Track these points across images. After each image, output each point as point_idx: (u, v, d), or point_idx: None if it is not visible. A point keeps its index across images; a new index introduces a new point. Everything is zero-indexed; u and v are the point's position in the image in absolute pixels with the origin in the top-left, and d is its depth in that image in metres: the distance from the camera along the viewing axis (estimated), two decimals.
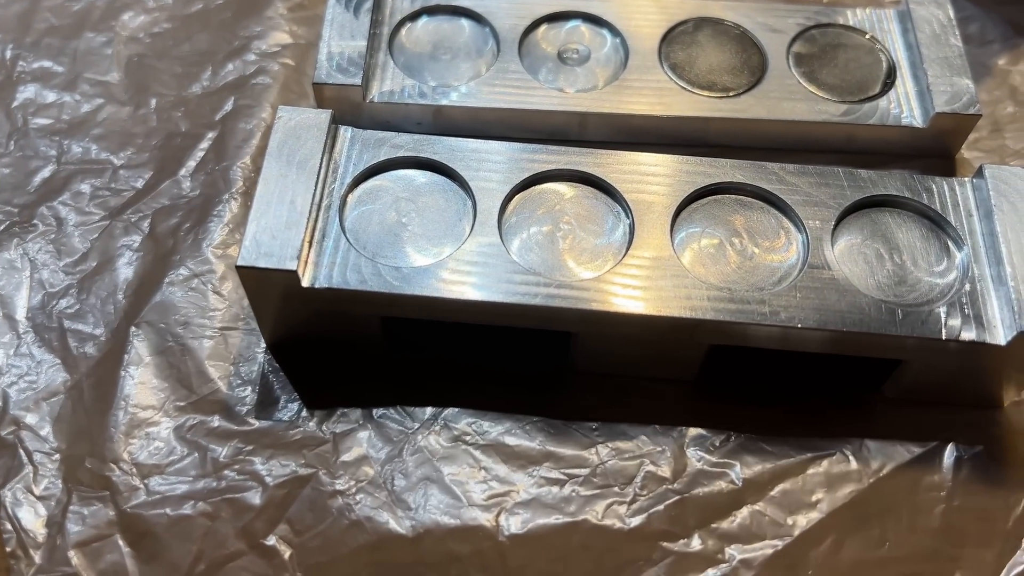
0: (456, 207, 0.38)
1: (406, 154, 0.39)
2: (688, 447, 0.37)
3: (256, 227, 0.35)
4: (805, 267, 0.36)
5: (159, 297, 0.40)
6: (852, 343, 0.36)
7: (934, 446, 0.38)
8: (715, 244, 0.37)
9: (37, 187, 0.43)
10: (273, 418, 0.37)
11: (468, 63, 0.45)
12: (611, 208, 0.38)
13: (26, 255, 0.41)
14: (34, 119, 0.45)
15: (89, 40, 0.48)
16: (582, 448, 0.37)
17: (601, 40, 0.46)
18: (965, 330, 0.35)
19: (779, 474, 0.37)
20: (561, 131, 0.45)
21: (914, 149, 0.45)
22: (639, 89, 0.45)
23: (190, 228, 0.42)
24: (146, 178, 0.43)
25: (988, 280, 0.36)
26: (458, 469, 0.36)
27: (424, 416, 0.38)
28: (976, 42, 0.50)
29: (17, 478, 0.36)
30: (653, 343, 0.37)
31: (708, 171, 0.39)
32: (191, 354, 0.39)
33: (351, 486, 0.36)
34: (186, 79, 0.47)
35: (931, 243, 0.37)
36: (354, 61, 0.43)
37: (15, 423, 0.37)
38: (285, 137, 0.37)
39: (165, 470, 0.36)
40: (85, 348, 0.39)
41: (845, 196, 0.38)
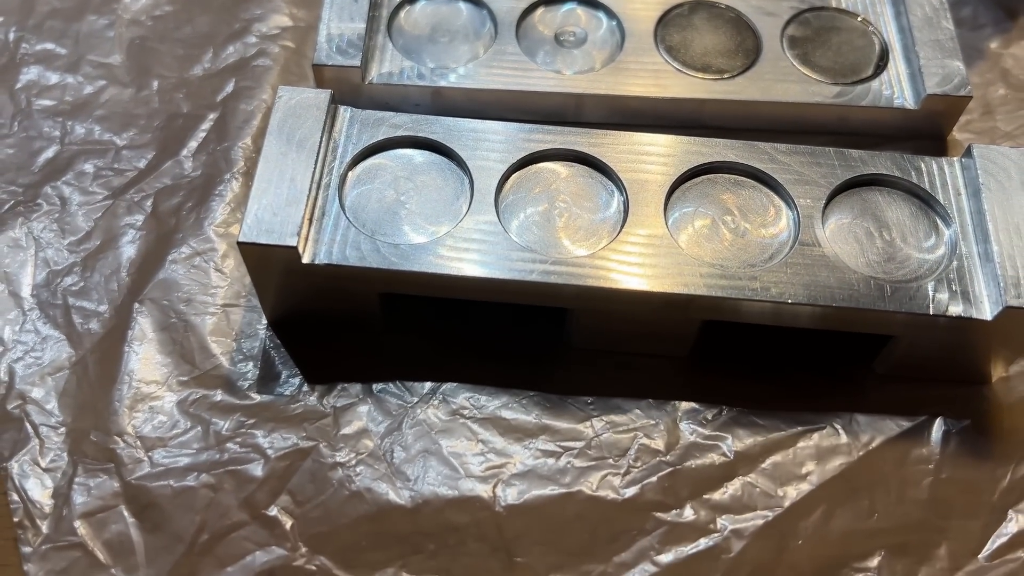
0: (454, 186, 0.38)
1: (405, 133, 0.39)
2: (681, 421, 0.38)
3: (257, 205, 0.36)
4: (796, 244, 0.37)
5: (162, 275, 0.41)
6: (842, 319, 0.36)
7: (923, 420, 0.38)
8: (708, 222, 0.38)
9: (41, 167, 0.44)
10: (274, 392, 0.38)
11: (466, 45, 0.46)
12: (606, 187, 0.39)
13: (31, 234, 0.42)
14: (38, 100, 0.46)
15: (91, 23, 0.49)
16: (577, 422, 0.38)
17: (597, 23, 0.47)
18: (952, 305, 0.36)
19: (770, 447, 0.37)
20: (558, 112, 0.46)
21: (906, 130, 0.46)
22: (635, 71, 0.45)
23: (192, 207, 0.43)
24: (148, 158, 0.44)
25: (975, 257, 0.37)
26: (456, 442, 0.37)
27: (423, 391, 0.38)
28: (968, 26, 0.51)
29: (24, 451, 0.36)
30: (647, 319, 0.37)
31: (702, 150, 0.39)
32: (193, 330, 0.39)
33: (351, 458, 0.36)
34: (187, 61, 0.47)
35: (920, 221, 0.38)
36: (353, 43, 0.44)
37: (21, 397, 0.38)
38: (285, 116, 0.38)
39: (168, 443, 0.37)
40: (89, 324, 0.39)
41: (836, 175, 0.39)
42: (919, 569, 0.35)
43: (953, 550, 0.36)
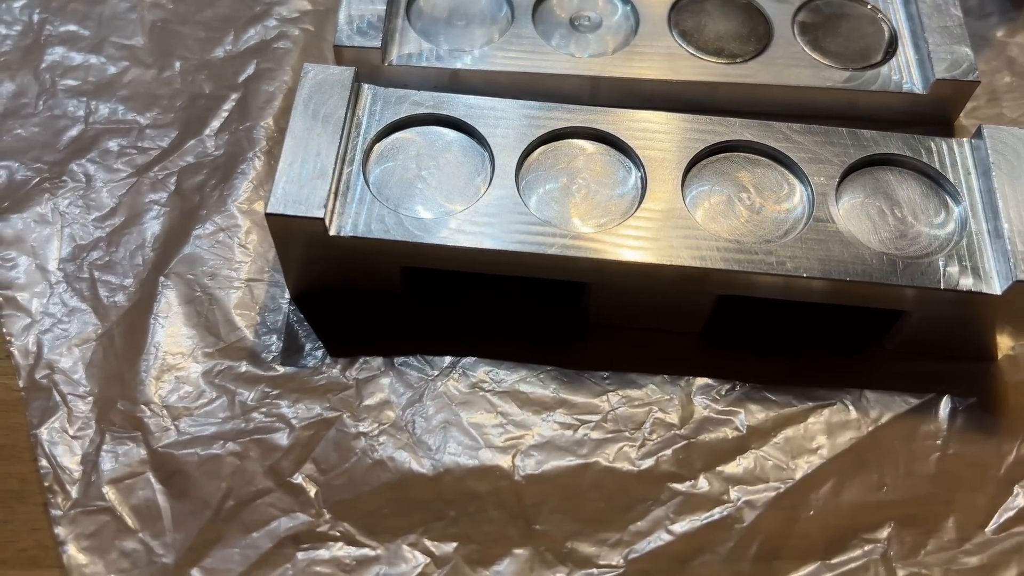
0: (474, 162, 0.39)
1: (426, 111, 0.40)
2: (695, 395, 0.39)
3: (284, 178, 0.36)
4: (810, 220, 0.38)
5: (187, 250, 0.41)
6: (854, 293, 0.37)
7: (931, 397, 0.39)
8: (724, 199, 0.39)
9: (66, 145, 0.45)
10: (298, 364, 0.39)
11: (483, 29, 0.47)
12: (624, 164, 0.40)
13: (57, 209, 0.43)
14: (62, 80, 0.47)
15: (114, 5, 0.50)
16: (594, 396, 0.38)
17: (612, 8, 0.48)
18: (963, 279, 0.36)
19: (782, 421, 0.38)
20: (573, 95, 0.46)
21: (914, 115, 0.47)
22: (649, 55, 0.46)
23: (215, 185, 0.43)
24: (171, 137, 0.45)
25: (985, 234, 0.38)
26: (476, 414, 0.38)
27: (443, 364, 0.39)
28: (975, 14, 0.52)
29: (53, 419, 0.37)
30: (663, 293, 0.38)
31: (718, 129, 0.40)
32: (218, 304, 0.40)
33: (374, 428, 0.37)
34: (209, 43, 0.48)
35: (931, 199, 0.39)
36: (373, 25, 0.44)
37: (49, 367, 0.38)
38: (311, 93, 0.39)
39: (194, 412, 0.38)
40: (115, 297, 0.40)
41: (848, 154, 0.40)
42: (927, 541, 0.36)
43: (960, 522, 0.36)
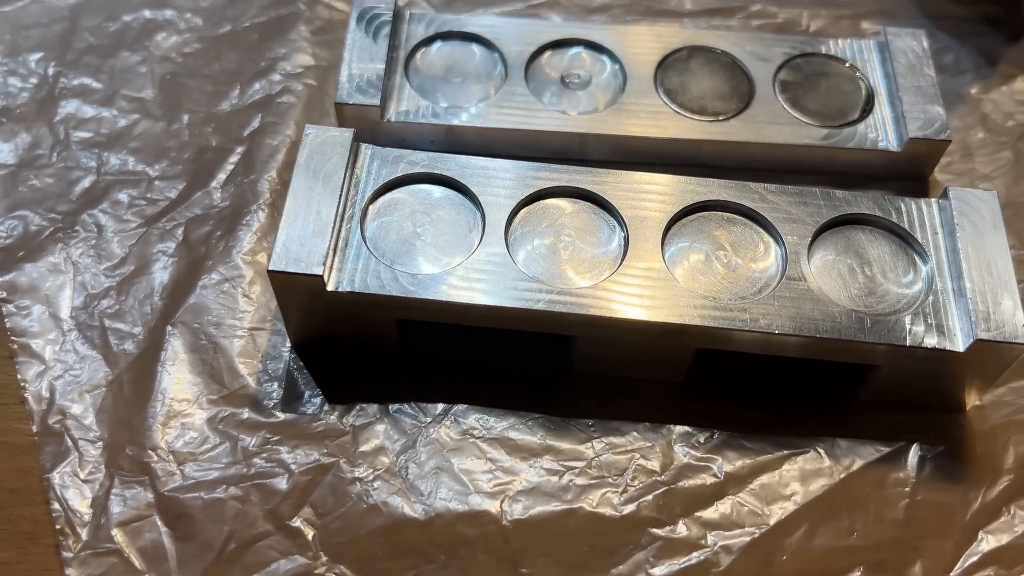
0: (467, 219, 0.41)
1: (421, 170, 0.42)
2: (675, 443, 0.41)
3: (286, 235, 0.39)
4: (783, 279, 0.40)
5: (193, 299, 0.44)
6: (825, 348, 0.39)
7: (900, 445, 0.41)
8: (702, 256, 0.41)
9: (79, 196, 0.47)
10: (298, 411, 0.41)
11: (478, 85, 0.49)
12: (608, 222, 0.42)
13: (69, 259, 0.45)
14: (75, 132, 0.49)
15: (125, 59, 0.52)
16: (579, 443, 0.40)
17: (601, 66, 0.50)
18: (928, 338, 0.38)
19: (758, 469, 0.40)
20: (563, 150, 0.49)
21: (890, 171, 0.49)
22: (636, 112, 0.48)
23: (221, 236, 0.45)
24: (179, 189, 0.47)
25: (950, 292, 0.40)
26: (466, 460, 0.40)
27: (436, 411, 0.41)
28: (951, 71, 0.54)
29: (64, 463, 0.39)
30: (645, 346, 0.40)
31: (697, 189, 0.42)
32: (222, 352, 0.42)
33: (369, 474, 0.39)
34: (216, 97, 0.50)
35: (899, 258, 0.41)
36: (373, 83, 0.47)
37: (61, 413, 0.40)
38: (312, 153, 0.41)
39: (199, 457, 0.39)
40: (124, 345, 0.42)
41: (821, 214, 0.42)
42: None
43: (927, 567, 0.38)
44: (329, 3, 0.54)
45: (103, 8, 0.54)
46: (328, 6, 0.54)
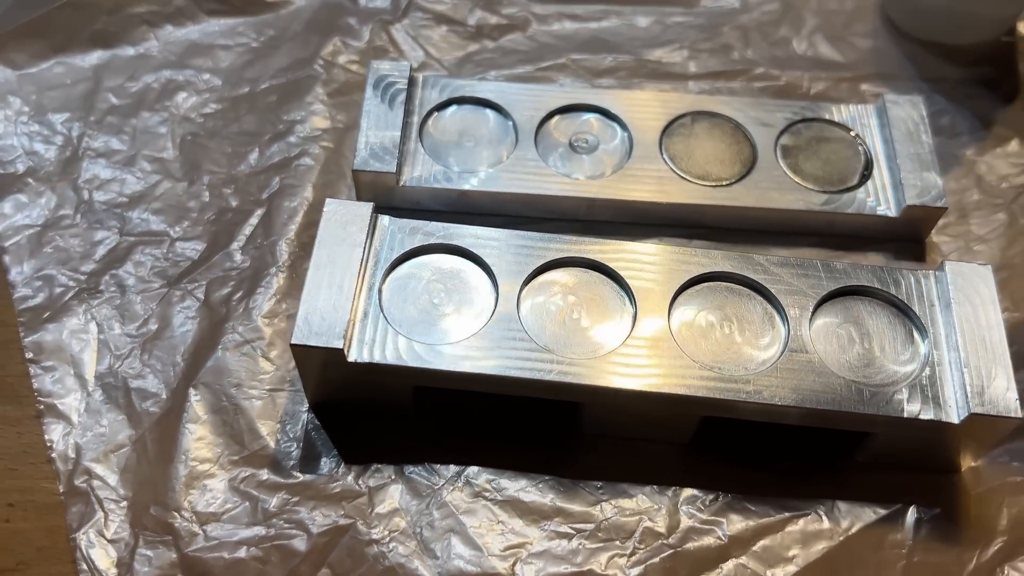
0: (480, 289, 0.43)
1: (437, 241, 0.44)
2: (681, 505, 0.42)
3: (307, 308, 0.40)
4: (785, 350, 0.41)
5: (214, 360, 0.45)
6: (825, 418, 0.41)
7: (898, 508, 0.43)
8: (707, 327, 0.42)
9: (102, 256, 0.48)
10: (316, 472, 0.42)
11: (489, 150, 0.51)
12: (616, 293, 0.43)
13: (93, 319, 0.46)
14: (98, 193, 0.50)
15: (146, 119, 0.53)
16: (588, 505, 0.42)
17: (608, 131, 0.52)
18: (924, 410, 0.40)
19: (761, 531, 0.42)
20: (571, 213, 0.50)
21: (888, 235, 0.51)
22: (641, 177, 0.50)
23: (241, 298, 0.47)
24: (200, 250, 0.48)
25: (946, 365, 0.41)
26: (479, 522, 0.41)
27: (448, 473, 0.42)
28: (947, 133, 0.56)
29: (90, 523, 0.41)
30: (652, 413, 0.42)
31: (702, 261, 0.44)
32: (243, 413, 0.44)
33: (385, 535, 0.41)
34: (235, 158, 0.52)
35: (897, 329, 0.43)
36: (388, 150, 0.48)
37: (87, 473, 0.42)
38: (332, 227, 0.42)
39: (221, 518, 0.41)
40: (148, 406, 0.44)
41: (822, 286, 0.43)
42: None
43: None
44: (345, 66, 0.56)
45: (125, 69, 0.55)
46: (344, 68, 0.56)
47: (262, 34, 0.57)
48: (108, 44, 0.56)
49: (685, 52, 0.57)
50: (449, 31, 0.58)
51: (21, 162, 0.51)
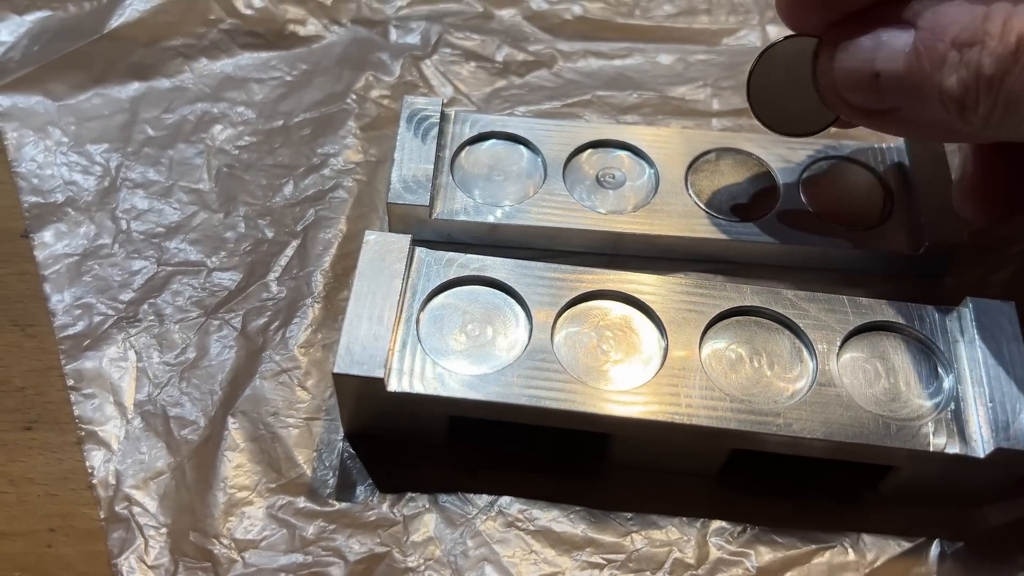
0: (514, 321, 0.44)
1: (472, 273, 0.45)
2: (710, 537, 0.43)
3: (348, 338, 0.41)
4: (814, 384, 0.42)
5: (251, 390, 0.46)
6: (852, 451, 0.42)
7: (922, 541, 0.43)
8: (737, 360, 0.43)
9: (140, 286, 0.49)
10: (352, 500, 0.43)
11: (519, 184, 0.52)
12: (646, 324, 0.44)
13: (132, 348, 0.47)
14: (136, 223, 0.52)
15: (182, 151, 0.55)
16: (619, 536, 0.43)
17: (635, 167, 0.53)
18: (950, 445, 0.41)
19: (788, 563, 0.42)
20: (599, 247, 0.51)
21: (909, 271, 0.52)
22: (668, 213, 0.51)
23: (278, 328, 0.48)
24: (237, 280, 0.49)
25: (971, 400, 0.42)
26: (512, 551, 0.42)
27: (482, 503, 0.43)
28: None
29: (131, 549, 0.41)
30: (682, 445, 0.43)
31: (731, 295, 0.45)
32: (280, 441, 0.44)
33: (420, 564, 0.41)
34: (270, 190, 0.53)
35: (922, 365, 0.44)
36: (422, 183, 0.49)
37: (127, 499, 0.43)
38: (372, 259, 0.43)
39: (259, 545, 0.42)
40: (186, 434, 0.45)
41: (849, 321, 0.44)
42: None
43: None
44: (377, 100, 0.57)
45: (161, 101, 0.57)
46: (376, 103, 0.57)
47: (295, 68, 0.59)
48: (145, 76, 0.58)
49: (708, 90, 0.59)
50: (477, 67, 0.59)
51: (60, 192, 0.53)
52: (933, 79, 0.36)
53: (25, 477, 0.44)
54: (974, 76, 0.35)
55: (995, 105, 0.35)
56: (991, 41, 0.35)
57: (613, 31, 0.62)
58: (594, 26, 0.62)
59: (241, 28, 0.60)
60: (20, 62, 0.58)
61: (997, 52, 0.35)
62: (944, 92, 0.36)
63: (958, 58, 0.35)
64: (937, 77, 0.36)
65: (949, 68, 0.36)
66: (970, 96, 0.35)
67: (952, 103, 0.36)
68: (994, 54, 0.35)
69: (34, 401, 0.46)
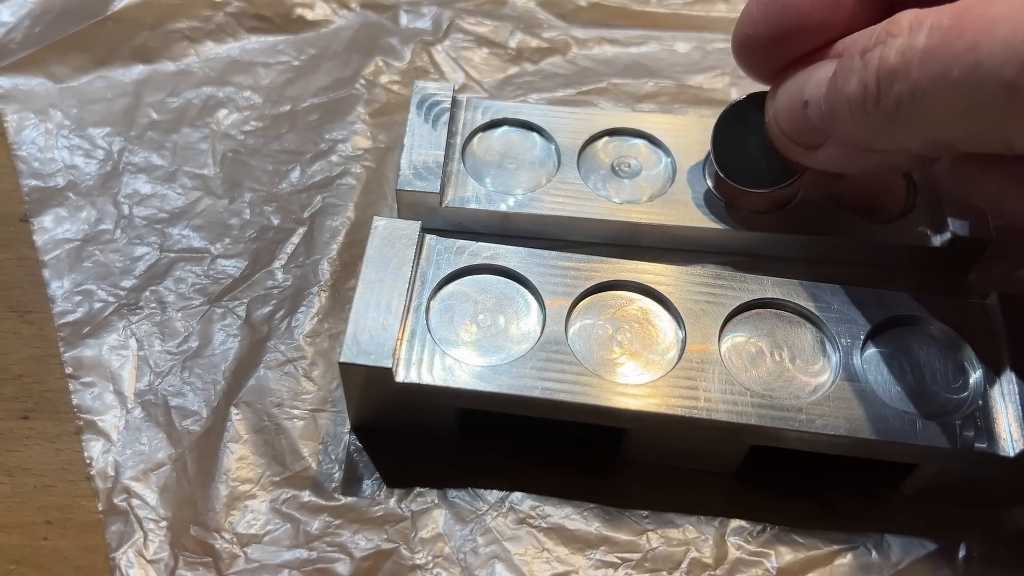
0: (527, 310, 0.42)
1: (483, 262, 0.43)
2: (728, 536, 0.41)
3: (356, 327, 0.40)
4: (837, 379, 0.41)
5: (255, 380, 0.45)
6: (876, 449, 0.40)
7: (948, 543, 0.42)
8: (757, 354, 0.42)
9: (142, 272, 0.48)
10: (358, 495, 0.42)
11: (532, 172, 0.50)
12: (665, 317, 0.43)
13: (133, 335, 0.46)
14: (138, 208, 0.50)
15: (187, 135, 0.53)
16: (634, 534, 0.41)
17: (653, 157, 0.51)
18: (977, 442, 0.39)
19: (809, 564, 0.41)
20: (615, 237, 0.50)
21: (933, 265, 0.50)
22: (685, 203, 0.49)
23: (283, 316, 0.47)
24: (242, 268, 0.48)
25: (998, 397, 0.41)
26: (523, 549, 0.41)
27: (492, 499, 0.42)
28: None
29: (130, 542, 0.40)
30: (700, 441, 0.41)
31: (751, 287, 0.43)
32: (285, 433, 0.43)
33: (428, 561, 0.40)
34: (276, 176, 0.52)
35: (948, 360, 0.42)
36: (432, 170, 0.48)
37: (126, 491, 0.41)
38: (381, 245, 0.42)
39: (262, 539, 0.40)
40: (188, 424, 0.43)
41: (873, 314, 0.43)
42: None
43: None
44: (386, 86, 0.56)
45: (166, 84, 0.55)
46: (386, 89, 0.56)
47: (303, 52, 0.57)
48: (149, 59, 0.56)
49: (727, 78, 0.57)
50: (490, 53, 0.58)
51: (61, 176, 0.51)
52: (841, 92, 0.36)
53: (21, 467, 0.42)
54: (873, 73, 0.34)
55: (900, 100, 0.34)
56: (897, 38, 0.34)
57: (628, 18, 0.60)
58: (609, 13, 0.61)
59: (248, 11, 0.59)
60: (22, 43, 0.56)
61: (903, 45, 0.34)
62: (849, 99, 0.36)
63: (860, 63, 0.35)
64: (844, 87, 0.36)
65: (852, 74, 0.36)
66: (869, 95, 0.35)
67: (855, 108, 0.36)
68: (900, 47, 0.34)
69: (32, 389, 0.44)
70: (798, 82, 0.41)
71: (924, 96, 0.34)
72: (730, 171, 0.47)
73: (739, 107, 0.46)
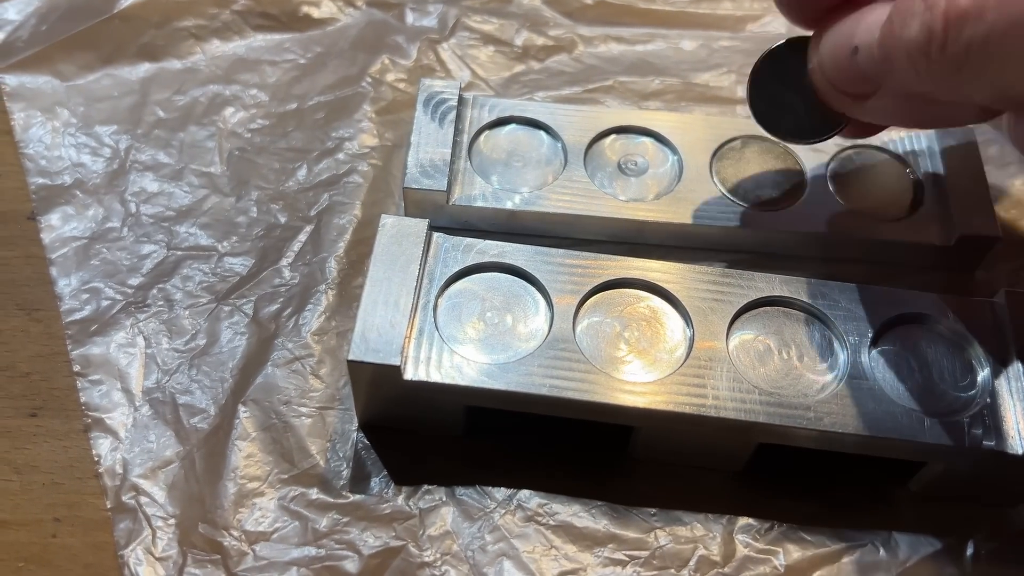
0: (535, 308, 0.42)
1: (491, 260, 0.43)
2: (736, 534, 0.41)
3: (363, 324, 0.40)
4: (845, 377, 0.41)
5: (263, 378, 0.45)
6: (884, 447, 0.40)
7: (955, 540, 0.42)
8: (765, 351, 0.42)
9: (150, 270, 0.48)
10: (366, 492, 0.42)
11: (539, 170, 0.50)
12: (673, 315, 0.43)
13: (140, 333, 0.46)
14: (145, 206, 0.50)
15: (193, 133, 0.53)
16: (642, 532, 0.41)
17: (659, 154, 0.51)
18: (985, 440, 0.39)
19: (817, 562, 0.41)
20: (621, 235, 0.50)
21: (939, 263, 0.50)
22: (692, 200, 0.49)
23: (290, 314, 0.47)
24: (249, 265, 0.48)
25: (1006, 395, 0.41)
26: (532, 547, 0.41)
27: (500, 497, 0.42)
28: (995, 163, 0.55)
29: (138, 540, 0.40)
30: (708, 439, 0.41)
31: (759, 285, 0.43)
32: (293, 431, 0.43)
33: (437, 558, 0.40)
34: (283, 174, 0.52)
35: (956, 358, 0.42)
36: (439, 168, 0.48)
37: (134, 489, 0.41)
38: (388, 243, 0.42)
39: (271, 537, 0.40)
40: (196, 422, 0.43)
41: (880, 312, 0.43)
42: None
43: None
44: (393, 84, 0.56)
45: (172, 82, 0.55)
46: (392, 87, 0.56)
47: (309, 51, 0.57)
48: (155, 57, 0.56)
49: (733, 76, 0.57)
50: (496, 51, 0.58)
51: (68, 174, 0.51)
52: (900, 37, 0.33)
53: (30, 465, 0.42)
54: (940, 17, 0.31)
55: (970, 46, 0.31)
56: None
57: (635, 16, 0.60)
58: (615, 10, 0.61)
59: (254, 9, 0.59)
60: (28, 41, 0.56)
61: None
62: (908, 45, 0.33)
63: (923, 5, 0.32)
64: (903, 32, 0.33)
65: (912, 17, 0.32)
66: (935, 40, 0.31)
67: (916, 55, 0.33)
68: None
69: (40, 387, 0.45)
70: (847, 26, 0.37)
71: (1000, 42, 0.30)
72: (769, 122, 0.45)
73: (776, 54, 0.43)
